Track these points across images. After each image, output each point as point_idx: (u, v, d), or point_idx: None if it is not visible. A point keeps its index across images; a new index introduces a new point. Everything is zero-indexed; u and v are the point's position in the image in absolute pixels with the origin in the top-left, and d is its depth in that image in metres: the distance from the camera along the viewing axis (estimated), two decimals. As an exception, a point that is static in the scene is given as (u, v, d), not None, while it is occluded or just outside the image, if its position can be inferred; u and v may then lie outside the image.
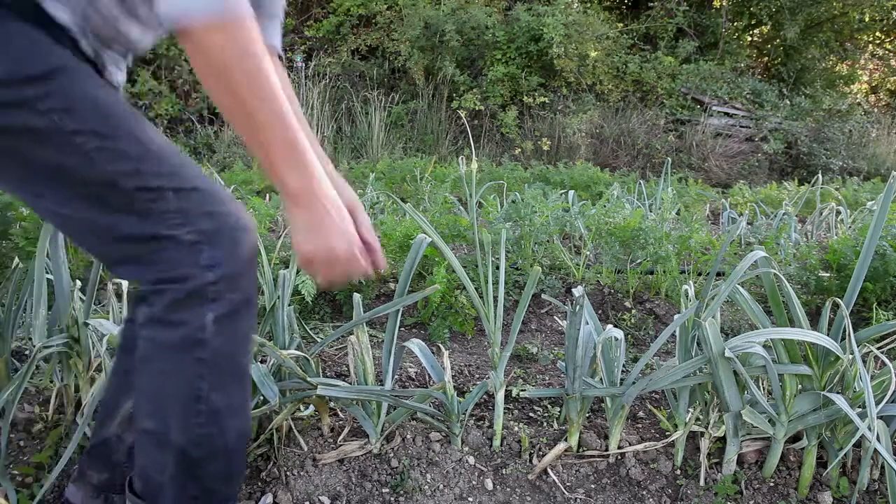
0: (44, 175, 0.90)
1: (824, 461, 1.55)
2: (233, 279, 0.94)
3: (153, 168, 0.91)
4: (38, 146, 0.87)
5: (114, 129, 0.90)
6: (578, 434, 1.61)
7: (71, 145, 0.87)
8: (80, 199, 0.91)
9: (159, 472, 1.00)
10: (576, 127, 7.71)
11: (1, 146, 0.88)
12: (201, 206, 0.93)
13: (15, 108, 0.85)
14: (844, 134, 8.56)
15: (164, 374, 0.97)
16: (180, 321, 0.93)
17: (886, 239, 2.56)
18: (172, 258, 0.92)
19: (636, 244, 2.77)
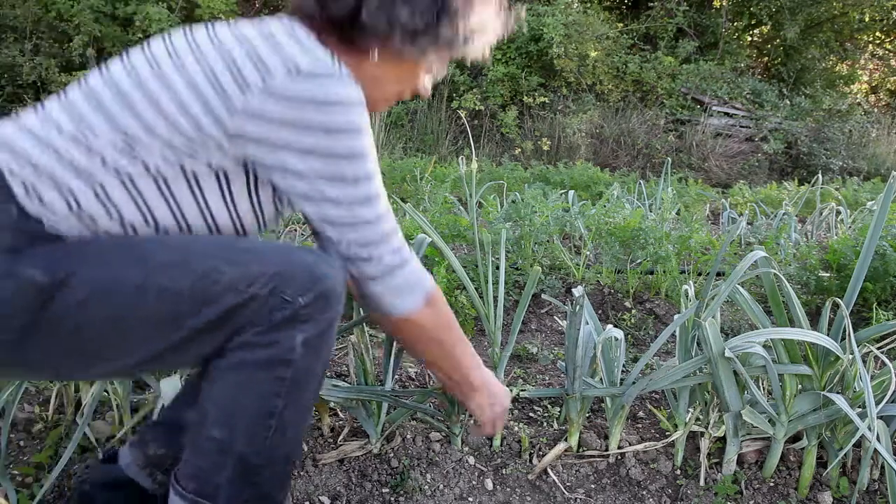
0: (99, 338, 0.92)
1: (824, 461, 1.55)
2: (325, 299, 0.96)
3: (197, 262, 0.92)
4: (87, 314, 0.89)
5: (141, 260, 0.92)
6: (578, 434, 1.61)
7: (113, 295, 0.90)
8: (146, 336, 0.93)
9: (217, 473, 1.02)
10: (576, 127, 7.71)
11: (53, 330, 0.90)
12: (260, 260, 0.95)
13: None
14: (844, 134, 8.57)
15: (241, 388, 0.98)
16: (271, 342, 0.96)
17: (886, 239, 2.56)
18: (258, 312, 0.94)
19: (636, 244, 2.77)
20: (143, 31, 7.50)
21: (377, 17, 0.98)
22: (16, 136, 0.93)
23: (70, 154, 0.91)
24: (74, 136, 0.92)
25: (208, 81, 0.92)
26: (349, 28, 1.00)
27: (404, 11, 0.99)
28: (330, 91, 0.92)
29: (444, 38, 1.03)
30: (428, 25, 1.01)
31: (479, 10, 1.07)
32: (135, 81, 0.93)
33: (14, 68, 7.22)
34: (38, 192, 0.90)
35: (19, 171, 0.90)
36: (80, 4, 7.33)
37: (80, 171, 0.91)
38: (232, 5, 8.43)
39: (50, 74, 7.28)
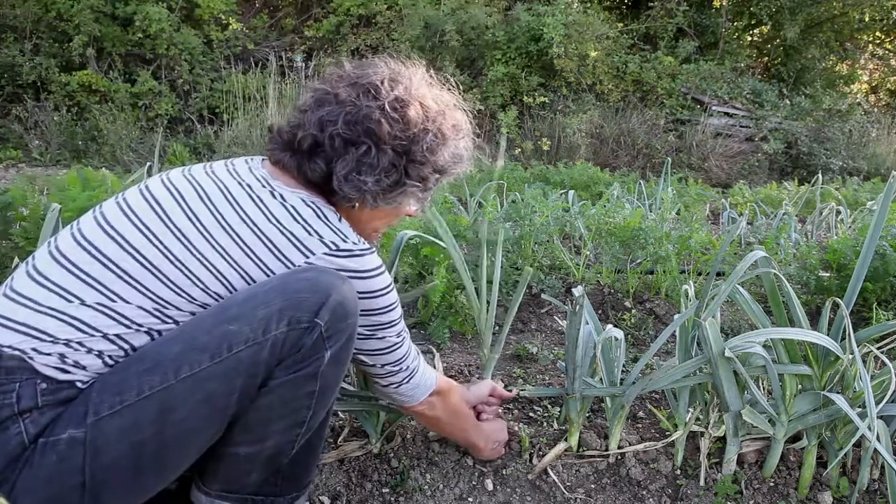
0: (157, 447, 0.94)
1: (824, 461, 1.55)
2: (341, 309, 1.01)
3: (205, 339, 0.95)
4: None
5: (155, 365, 0.94)
6: (578, 434, 1.61)
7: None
8: (198, 427, 0.97)
9: (245, 476, 1.08)
10: (576, 127, 7.70)
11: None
12: (263, 304, 0.98)
13: None
14: (844, 134, 8.56)
15: (271, 410, 1.02)
16: (303, 366, 1.00)
17: (886, 239, 2.56)
18: (284, 348, 0.98)
19: (636, 244, 2.77)
20: (143, 30, 7.50)
21: (346, 185, 1.09)
22: (29, 316, 0.94)
23: (97, 323, 0.95)
24: (99, 304, 0.96)
25: (252, 262, 1.02)
26: (325, 189, 1.12)
27: (370, 179, 1.08)
28: (366, 262, 1.08)
29: (415, 187, 1.14)
30: (395, 184, 1.12)
31: (448, 150, 1.15)
32: (169, 258, 0.99)
33: (14, 68, 7.21)
34: (74, 361, 0.93)
35: (49, 348, 0.93)
36: (80, 4, 7.32)
37: (109, 338, 0.95)
38: (232, 5, 8.43)
39: (50, 74, 7.28)
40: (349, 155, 1.08)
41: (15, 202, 2.26)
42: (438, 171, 1.16)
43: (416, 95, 1.13)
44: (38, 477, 0.87)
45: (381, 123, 1.07)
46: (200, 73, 7.86)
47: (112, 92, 7.36)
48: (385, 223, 1.25)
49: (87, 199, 2.25)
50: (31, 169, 6.00)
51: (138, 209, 1.03)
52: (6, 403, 0.89)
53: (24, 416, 0.89)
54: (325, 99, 1.11)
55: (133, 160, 6.37)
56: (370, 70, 1.14)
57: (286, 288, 0.99)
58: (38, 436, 0.89)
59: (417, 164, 1.12)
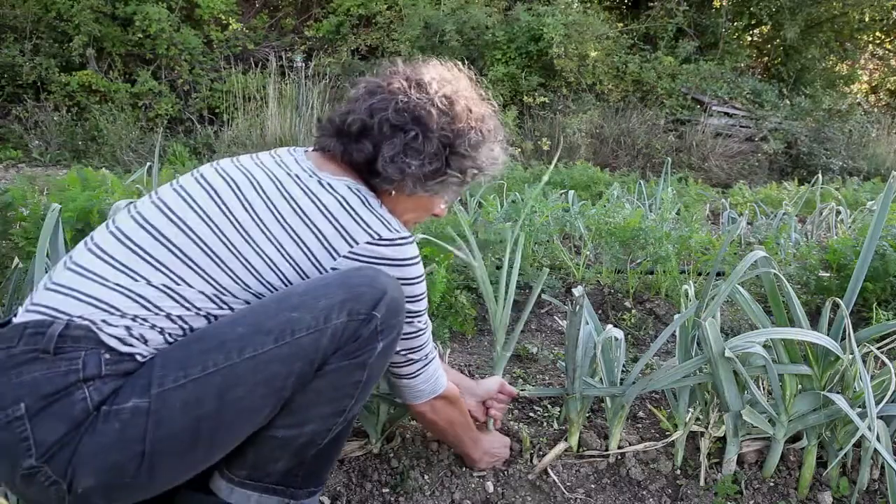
0: (215, 424, 0.98)
1: (824, 461, 1.55)
2: (395, 306, 1.07)
3: (270, 323, 0.99)
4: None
5: (219, 344, 0.98)
6: (578, 434, 1.61)
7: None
8: (254, 406, 1.01)
9: (272, 463, 1.10)
10: (576, 127, 7.70)
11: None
12: (324, 295, 1.03)
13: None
14: (844, 134, 8.56)
15: (320, 395, 1.05)
16: (357, 355, 1.05)
17: (886, 239, 2.56)
18: (343, 337, 1.03)
19: (636, 244, 2.77)
20: (143, 31, 7.50)
21: (390, 166, 1.13)
22: (100, 291, 1.00)
23: (162, 303, 1.01)
24: (165, 286, 1.01)
25: (302, 252, 1.06)
26: (366, 172, 1.16)
27: (414, 162, 1.13)
28: (405, 251, 1.12)
29: (454, 179, 1.19)
30: (436, 171, 1.16)
31: (487, 148, 1.21)
32: (228, 247, 1.04)
33: (14, 68, 7.21)
34: (139, 334, 0.99)
35: (117, 321, 0.98)
36: (80, 4, 7.32)
37: (171, 318, 1.01)
38: (232, 5, 8.42)
39: (50, 74, 7.28)
40: (397, 139, 1.13)
41: (15, 202, 2.26)
42: (477, 168, 1.22)
43: (464, 96, 1.21)
44: (100, 443, 0.91)
45: (431, 113, 1.14)
46: (200, 73, 7.86)
47: (112, 92, 7.36)
48: (416, 217, 1.28)
49: (87, 199, 2.25)
50: (31, 169, 6.00)
51: (198, 197, 1.08)
52: (72, 369, 0.93)
53: (89, 384, 0.93)
54: (376, 90, 1.17)
55: (133, 160, 6.37)
56: (422, 68, 1.21)
57: (347, 282, 1.04)
58: (102, 403, 0.92)
59: (460, 157, 1.18)
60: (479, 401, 1.56)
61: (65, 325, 0.95)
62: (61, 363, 0.93)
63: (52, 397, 0.91)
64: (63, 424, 0.90)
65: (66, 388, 0.92)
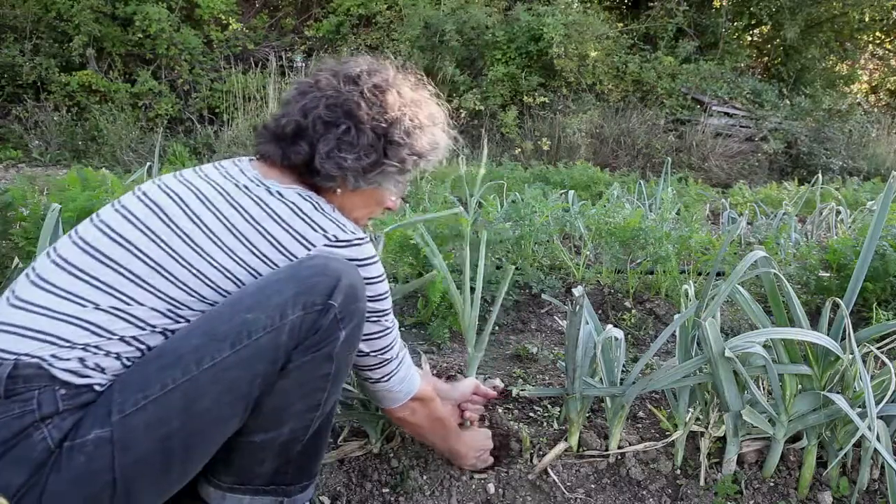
0: (185, 438, 0.97)
1: (824, 461, 1.55)
2: (352, 291, 1.05)
3: (223, 329, 0.98)
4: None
5: (176, 359, 0.97)
6: (578, 434, 1.61)
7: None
8: (224, 414, 1.00)
9: (258, 466, 1.10)
10: (576, 127, 7.70)
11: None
12: (276, 291, 1.01)
13: None
14: (844, 134, 8.56)
15: (288, 394, 1.04)
16: (319, 347, 1.04)
17: (886, 239, 2.56)
18: (302, 331, 1.01)
19: (636, 244, 2.77)
20: (143, 31, 7.50)
21: (327, 163, 1.12)
22: (45, 324, 0.95)
23: (113, 326, 0.97)
24: (114, 308, 0.97)
25: (259, 260, 1.05)
26: (307, 172, 1.15)
27: (350, 156, 1.12)
28: (363, 251, 1.12)
29: (392, 168, 1.18)
30: (375, 163, 1.15)
31: (426, 134, 1.20)
32: (177, 260, 1.01)
33: (14, 68, 7.21)
34: (94, 364, 0.95)
35: (67, 353, 0.94)
36: (80, 4, 7.32)
37: (126, 340, 0.97)
38: (232, 5, 8.42)
39: (50, 74, 7.28)
40: (330, 135, 1.12)
41: (15, 202, 2.26)
42: (416, 155, 1.20)
43: (394, 84, 1.19)
44: (67, 479, 0.89)
45: (361, 105, 1.13)
46: (200, 73, 7.86)
47: (112, 92, 7.36)
48: (367, 212, 1.26)
49: (87, 199, 2.25)
50: (31, 169, 6.00)
51: (140, 214, 1.05)
52: (27, 411, 0.90)
53: (47, 422, 0.90)
54: (307, 89, 1.16)
55: (133, 160, 6.37)
56: (350, 62, 1.21)
57: (297, 275, 1.02)
58: (63, 440, 0.90)
59: (395, 146, 1.16)
60: (454, 404, 1.56)
61: (13, 366, 0.91)
62: (14, 406, 0.90)
63: (10, 442, 0.89)
64: (25, 468, 0.88)
65: (22, 430, 0.89)
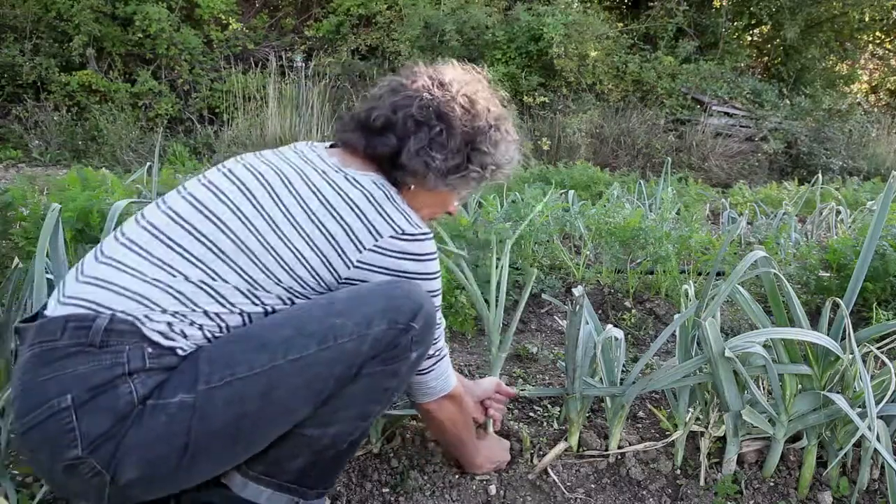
0: (255, 421, 1.02)
1: (824, 461, 1.55)
2: (430, 320, 1.11)
3: (314, 327, 1.03)
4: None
5: (263, 345, 1.01)
6: (578, 434, 1.61)
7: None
8: (294, 406, 1.04)
9: (291, 461, 1.12)
10: (576, 127, 7.70)
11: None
12: (366, 303, 1.07)
13: None
14: (844, 134, 8.56)
15: (353, 398, 1.08)
16: (392, 362, 1.09)
17: (886, 239, 2.56)
18: (381, 344, 1.06)
19: (636, 244, 2.77)
20: (143, 31, 7.50)
21: (415, 160, 1.16)
22: (140, 286, 1.01)
23: (199, 299, 1.02)
24: (202, 282, 1.02)
25: (330, 245, 1.08)
26: (389, 165, 1.18)
27: (438, 156, 1.16)
28: (425, 247, 1.15)
29: (474, 175, 1.23)
30: (458, 167, 1.20)
31: (504, 148, 1.24)
32: (260, 241, 1.05)
33: (14, 68, 7.21)
34: (180, 330, 1.00)
35: (159, 317, 0.99)
36: (80, 4, 7.32)
37: (209, 315, 1.02)
38: (232, 5, 8.42)
39: (50, 74, 7.28)
40: (422, 133, 1.16)
41: (15, 202, 2.27)
42: (496, 164, 1.25)
43: (483, 96, 1.25)
44: (146, 436, 0.93)
45: (455, 110, 1.18)
46: (200, 73, 7.86)
47: (112, 92, 7.36)
48: (431, 212, 1.30)
49: (87, 199, 2.25)
50: (31, 169, 6.00)
51: (227, 191, 1.10)
52: (118, 363, 0.95)
53: (134, 377, 0.95)
54: (398, 87, 1.21)
55: (133, 160, 6.37)
56: (442, 69, 1.26)
57: (386, 293, 1.08)
58: (147, 397, 0.94)
59: (481, 153, 1.21)
60: (476, 401, 1.56)
61: (109, 320, 0.96)
62: (106, 356, 0.94)
63: (98, 390, 0.93)
64: (109, 417, 0.92)
65: (111, 380, 0.93)
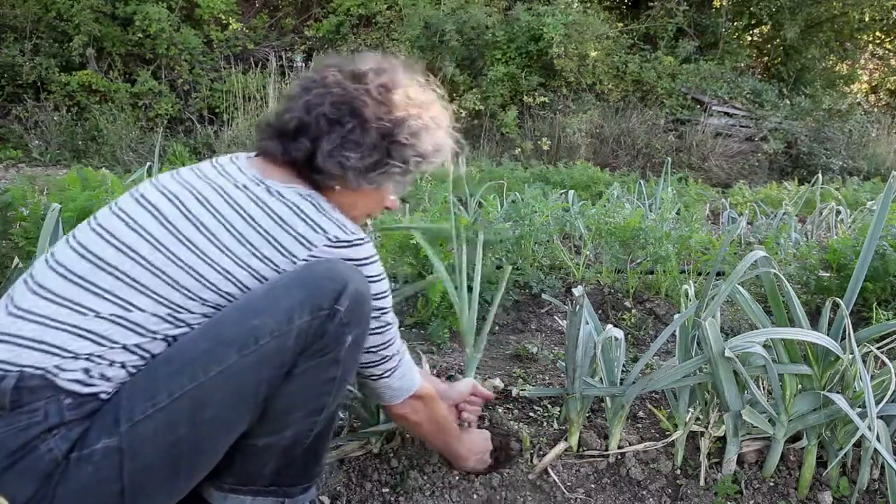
0: (191, 446, 0.98)
1: (824, 461, 1.55)
2: (359, 297, 1.06)
3: (231, 333, 0.98)
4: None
5: (183, 365, 0.97)
6: (578, 434, 1.61)
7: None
8: (231, 418, 1.01)
9: (261, 468, 1.09)
10: (576, 127, 7.70)
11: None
12: (284, 295, 1.01)
13: None
14: (844, 134, 8.56)
15: (294, 397, 1.04)
16: (326, 351, 1.04)
17: (886, 239, 2.56)
18: (309, 335, 1.01)
19: (636, 244, 2.77)
20: (143, 31, 7.50)
21: (329, 161, 1.10)
22: (47, 334, 0.94)
23: (115, 335, 0.96)
24: (115, 315, 0.96)
25: (263, 263, 1.03)
26: (307, 169, 1.12)
27: (353, 155, 1.10)
28: (362, 251, 1.10)
29: (396, 171, 1.15)
30: (377, 163, 1.13)
31: (430, 136, 1.17)
32: (177, 263, 1.00)
33: (14, 68, 7.21)
34: (99, 374, 0.95)
35: (71, 364, 0.93)
36: (80, 4, 7.32)
37: (128, 349, 0.97)
38: (232, 5, 8.42)
39: (50, 74, 7.28)
40: (335, 133, 1.10)
41: (15, 202, 2.27)
42: (419, 156, 1.17)
43: (401, 84, 1.16)
44: (76, 490, 0.89)
45: (367, 104, 1.10)
46: (200, 73, 7.86)
47: (112, 92, 7.36)
48: (366, 211, 1.24)
49: (87, 199, 2.25)
50: (31, 169, 6.00)
51: (138, 217, 1.04)
52: (34, 422, 0.90)
53: (53, 433, 0.90)
54: (310, 85, 1.14)
55: (133, 160, 6.37)
56: (356, 60, 1.18)
57: (304, 280, 1.02)
58: (70, 451, 0.90)
59: (400, 146, 1.14)
60: (451, 404, 1.53)
61: (17, 378, 0.90)
62: (21, 417, 0.89)
63: (17, 455, 0.88)
64: (33, 480, 0.88)
65: (29, 442, 0.89)
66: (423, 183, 4.64)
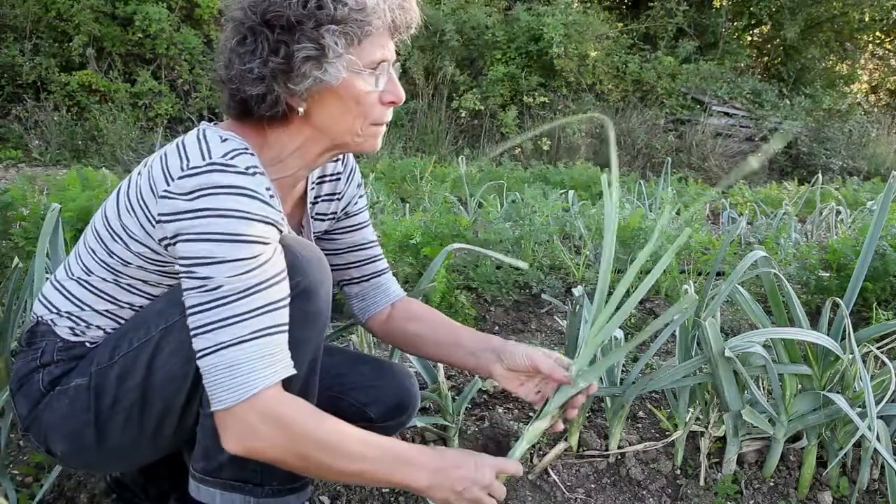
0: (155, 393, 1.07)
1: (824, 461, 1.55)
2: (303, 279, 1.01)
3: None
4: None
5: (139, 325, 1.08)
6: (578, 434, 1.61)
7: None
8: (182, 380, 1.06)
9: (219, 450, 0.98)
10: (576, 127, 7.70)
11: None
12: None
13: None
14: (844, 134, 8.56)
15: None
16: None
17: (886, 239, 2.56)
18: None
19: (636, 244, 2.77)
20: (143, 30, 7.50)
21: (243, 89, 0.97)
22: (48, 292, 1.14)
23: (85, 299, 1.10)
24: (80, 279, 1.10)
25: (139, 203, 1.02)
26: (251, 116, 1.01)
27: (254, 64, 0.95)
28: (213, 180, 0.92)
29: (311, 51, 0.95)
30: (287, 57, 0.95)
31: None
32: (103, 222, 1.09)
33: (14, 68, 7.20)
34: (81, 331, 1.11)
35: (59, 320, 1.10)
36: (80, 4, 7.31)
37: (100, 313, 1.10)
38: (232, 5, 8.41)
39: (50, 74, 7.27)
40: (234, 57, 0.98)
41: (15, 202, 2.27)
42: (333, 21, 0.95)
43: None
44: (56, 416, 1.07)
45: (243, 8, 0.96)
46: (200, 72, 7.85)
47: (112, 92, 7.35)
48: (353, 118, 1.05)
49: (87, 199, 2.25)
50: (31, 169, 5.99)
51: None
52: (34, 358, 1.10)
53: (45, 369, 1.09)
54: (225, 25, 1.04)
55: (133, 160, 6.36)
56: None
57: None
58: (54, 384, 1.08)
59: (292, 28, 0.94)
60: (521, 371, 1.17)
61: (35, 323, 1.12)
62: (29, 353, 1.11)
63: (23, 380, 1.10)
64: (28, 402, 1.09)
65: (30, 373, 1.10)
66: (423, 183, 4.65)
